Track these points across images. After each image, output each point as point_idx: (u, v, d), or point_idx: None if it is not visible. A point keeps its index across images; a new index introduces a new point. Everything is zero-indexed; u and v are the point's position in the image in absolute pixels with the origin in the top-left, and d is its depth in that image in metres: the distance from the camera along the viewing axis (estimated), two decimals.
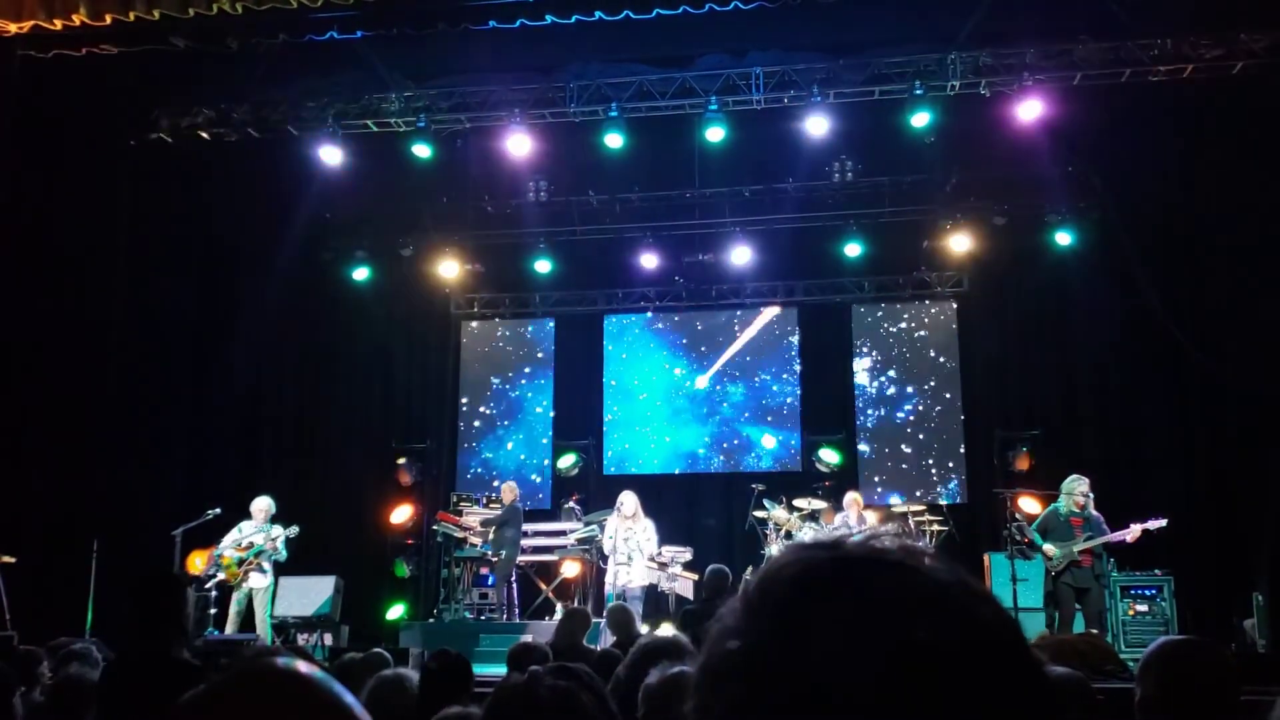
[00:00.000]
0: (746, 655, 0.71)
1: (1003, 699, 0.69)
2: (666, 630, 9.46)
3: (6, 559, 10.70)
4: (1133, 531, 9.79)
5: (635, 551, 11.34)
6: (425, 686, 3.79)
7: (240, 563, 10.83)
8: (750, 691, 0.70)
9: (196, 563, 10.87)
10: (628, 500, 11.57)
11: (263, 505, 11.26)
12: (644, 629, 8.77)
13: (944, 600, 0.71)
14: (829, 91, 11.63)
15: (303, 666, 1.14)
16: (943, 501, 12.31)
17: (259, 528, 11.09)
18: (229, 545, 10.97)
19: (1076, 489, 9.95)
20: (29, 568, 10.77)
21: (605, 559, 11.77)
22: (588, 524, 12.57)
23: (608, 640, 8.15)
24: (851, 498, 11.69)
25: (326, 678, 1.13)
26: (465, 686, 3.81)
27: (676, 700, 0.79)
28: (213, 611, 11.02)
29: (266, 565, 11.03)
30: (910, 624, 0.68)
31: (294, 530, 11.12)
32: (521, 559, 12.88)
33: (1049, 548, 9.87)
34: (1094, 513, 9.95)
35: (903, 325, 14.31)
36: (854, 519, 11.43)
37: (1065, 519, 9.92)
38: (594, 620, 8.59)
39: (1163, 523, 9.77)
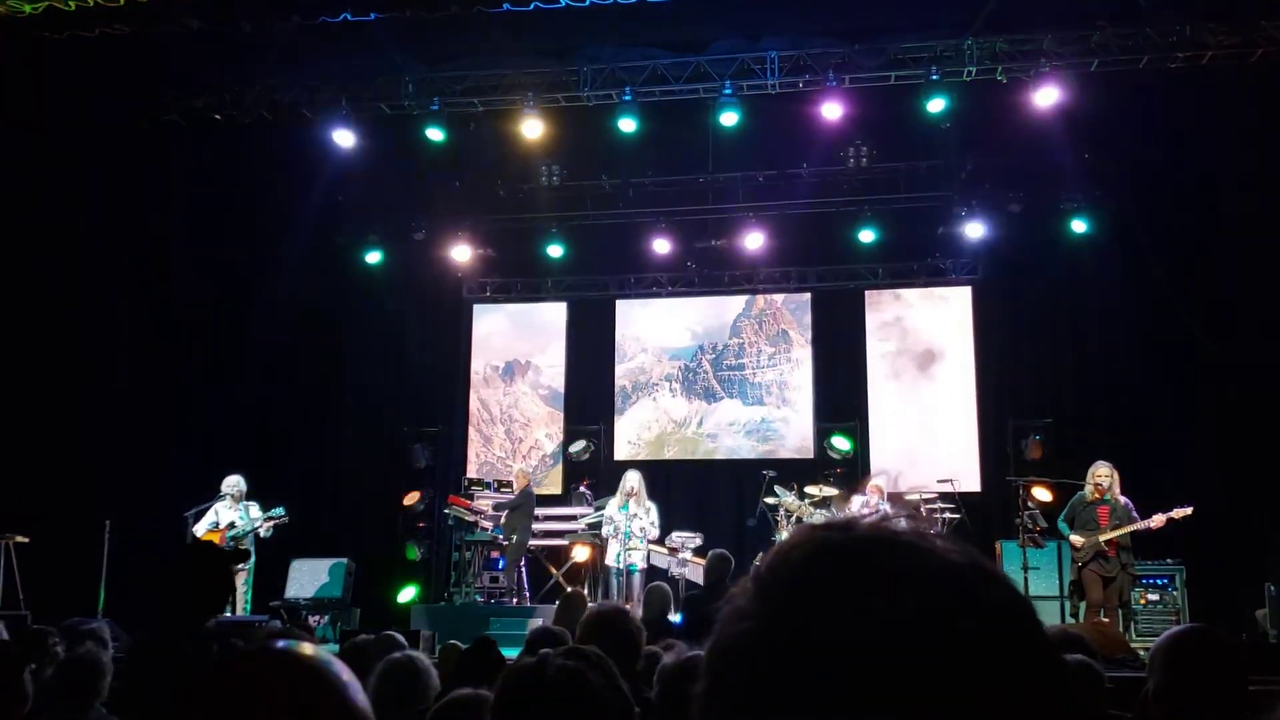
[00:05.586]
0: (758, 635, 0.71)
1: (1015, 678, 0.68)
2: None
3: (20, 539, 10.77)
4: (1157, 519, 9.73)
5: (637, 533, 11.33)
6: (468, 663, 3.84)
7: (233, 547, 10.76)
8: (762, 671, 0.69)
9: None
10: (633, 479, 11.56)
11: (235, 483, 11.04)
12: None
13: (957, 581, 0.70)
14: (844, 76, 11.57)
15: (307, 649, 1.16)
16: (955, 489, 12.26)
17: (236, 508, 10.97)
18: (205, 528, 10.88)
19: (1091, 474, 9.91)
20: (42, 548, 10.85)
21: (605, 540, 11.76)
22: (598, 509, 12.59)
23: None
24: (874, 484, 11.63)
25: (327, 661, 1.15)
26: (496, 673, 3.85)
27: (690, 682, 0.79)
28: None
29: (250, 547, 10.96)
30: (923, 604, 0.68)
31: (279, 511, 10.95)
32: (532, 543, 12.91)
33: (1075, 538, 9.83)
34: (1122, 499, 9.87)
35: (916, 312, 14.26)
36: (873, 505, 11.40)
37: (1090, 506, 9.87)
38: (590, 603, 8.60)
39: (1188, 510, 9.72)
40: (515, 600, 12.46)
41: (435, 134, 12.22)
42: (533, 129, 12.23)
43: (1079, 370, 13.32)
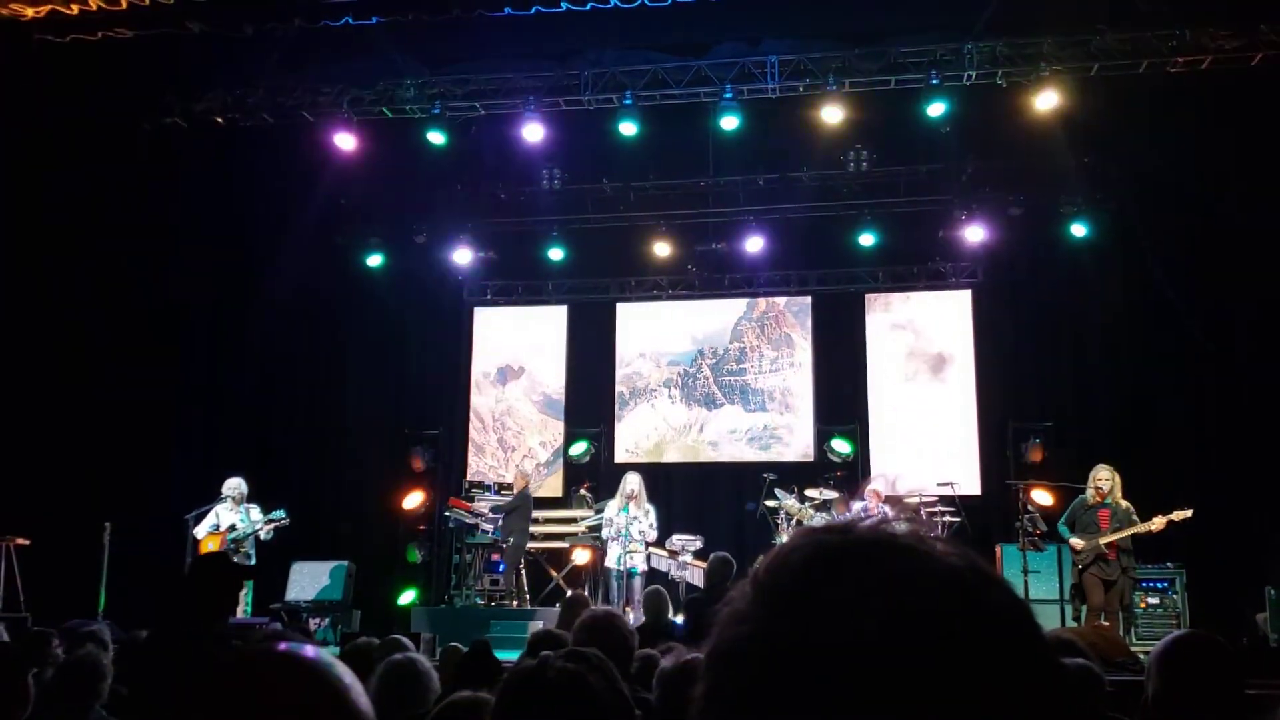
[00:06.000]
0: (757, 638, 0.71)
1: (1012, 681, 0.68)
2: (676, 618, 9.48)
3: (20, 542, 10.78)
4: (1157, 522, 9.71)
5: (636, 535, 11.35)
6: (466, 668, 3.86)
7: (234, 549, 10.75)
8: (761, 673, 0.70)
9: (210, 547, 10.90)
10: (633, 481, 11.58)
11: (236, 485, 11.02)
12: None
13: (955, 583, 0.70)
14: (844, 80, 11.57)
15: (309, 650, 1.17)
16: (955, 492, 12.26)
17: (236, 511, 10.95)
18: (205, 530, 10.88)
19: (1092, 477, 9.90)
20: (42, 551, 10.85)
21: (605, 543, 11.78)
22: (598, 511, 12.59)
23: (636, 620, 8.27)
24: (872, 489, 11.65)
25: (329, 663, 1.16)
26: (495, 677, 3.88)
27: (690, 685, 0.79)
28: None
29: (250, 550, 10.98)
30: (921, 606, 0.68)
31: (280, 514, 10.97)
32: (532, 546, 12.91)
33: (1076, 541, 9.82)
34: (1123, 502, 9.85)
35: (916, 315, 14.25)
36: (872, 509, 11.40)
37: (1091, 510, 9.86)
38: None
39: (1188, 513, 9.70)
40: (515, 603, 12.46)
41: (436, 137, 12.23)
42: (534, 132, 12.23)
43: (1079, 373, 13.30)
